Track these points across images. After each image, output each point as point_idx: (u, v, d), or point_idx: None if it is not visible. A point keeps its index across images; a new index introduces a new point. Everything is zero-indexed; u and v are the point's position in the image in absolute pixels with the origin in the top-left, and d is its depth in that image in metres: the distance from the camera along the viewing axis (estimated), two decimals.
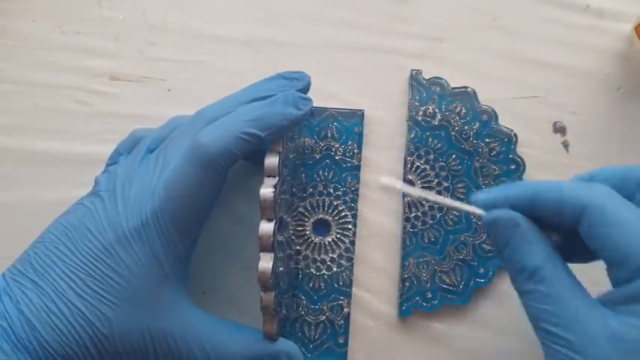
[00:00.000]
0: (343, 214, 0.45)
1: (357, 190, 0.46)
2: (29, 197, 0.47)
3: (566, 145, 0.47)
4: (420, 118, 0.46)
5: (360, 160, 0.46)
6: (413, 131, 0.46)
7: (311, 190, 0.46)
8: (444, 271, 0.45)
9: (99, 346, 0.37)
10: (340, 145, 0.46)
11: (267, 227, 0.37)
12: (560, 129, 0.47)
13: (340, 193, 0.45)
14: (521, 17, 0.48)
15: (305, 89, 0.40)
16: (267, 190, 0.37)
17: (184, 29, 0.49)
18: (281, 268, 0.39)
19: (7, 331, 0.36)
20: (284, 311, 0.41)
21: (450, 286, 0.45)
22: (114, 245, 0.37)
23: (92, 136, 0.47)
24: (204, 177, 0.37)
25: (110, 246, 0.37)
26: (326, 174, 0.46)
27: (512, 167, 0.46)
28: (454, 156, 0.46)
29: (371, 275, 0.46)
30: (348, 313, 0.44)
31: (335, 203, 0.45)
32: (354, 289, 0.45)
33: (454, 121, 0.46)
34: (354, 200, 0.46)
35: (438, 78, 0.47)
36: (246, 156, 0.38)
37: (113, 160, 0.42)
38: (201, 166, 0.37)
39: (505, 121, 0.46)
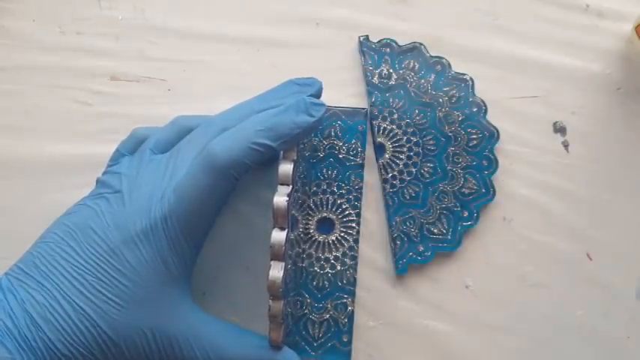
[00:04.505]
0: (347, 212, 0.45)
1: (360, 188, 0.46)
2: (29, 197, 0.46)
3: (566, 145, 0.47)
4: (376, 81, 0.47)
5: (363, 158, 0.46)
6: (372, 95, 0.46)
7: (315, 188, 0.45)
8: (430, 223, 0.45)
9: (103, 347, 0.37)
10: (344, 144, 0.46)
11: (279, 236, 0.37)
12: (560, 129, 0.47)
13: (344, 191, 0.45)
14: (521, 17, 0.48)
15: (317, 95, 0.40)
16: (280, 199, 0.37)
17: (184, 29, 0.49)
18: (290, 265, 0.39)
19: (12, 330, 0.36)
20: (289, 309, 0.41)
21: (439, 235, 0.45)
22: (120, 247, 0.37)
23: (92, 136, 0.47)
24: (215, 185, 0.37)
25: (116, 247, 0.37)
26: (329, 172, 0.46)
27: (475, 110, 0.46)
28: (417, 110, 0.46)
29: (374, 274, 0.46)
30: (352, 311, 0.44)
31: (339, 202, 0.45)
32: (357, 287, 0.45)
33: (410, 77, 0.47)
34: (358, 199, 0.45)
35: (386, 39, 0.47)
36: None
37: (115, 161, 0.42)
38: (212, 174, 0.37)
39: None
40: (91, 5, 0.49)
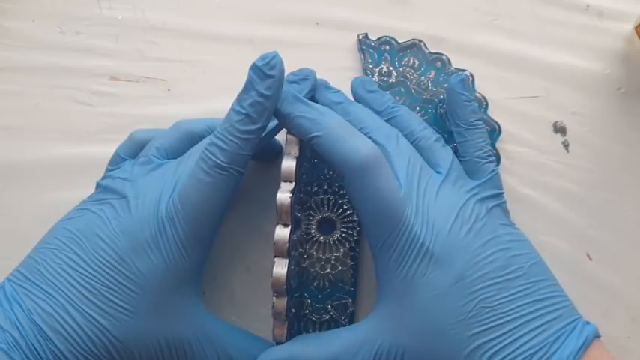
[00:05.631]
0: (348, 212, 0.45)
1: None
2: (29, 197, 0.46)
3: (566, 145, 0.47)
4: (377, 79, 0.47)
5: None
6: None
7: (316, 188, 0.45)
8: None
9: (114, 354, 0.36)
10: None
11: (282, 233, 0.37)
12: (560, 129, 0.47)
13: (345, 191, 0.45)
14: (521, 17, 0.48)
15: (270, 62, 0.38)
16: (283, 196, 0.37)
17: (184, 29, 0.49)
18: (293, 267, 0.39)
19: (19, 342, 0.35)
20: (293, 310, 0.41)
21: None
22: (129, 254, 0.37)
23: (92, 136, 0.47)
24: (218, 183, 0.37)
25: (125, 254, 0.37)
26: (331, 172, 0.45)
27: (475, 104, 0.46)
28: (418, 107, 0.46)
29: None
30: (353, 312, 0.44)
31: (340, 202, 0.45)
32: (358, 288, 0.45)
33: (410, 75, 0.47)
34: None
35: (385, 37, 0.47)
36: (256, 152, 0.38)
37: (115, 166, 0.42)
38: (213, 174, 0.37)
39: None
40: (90, 5, 0.49)
